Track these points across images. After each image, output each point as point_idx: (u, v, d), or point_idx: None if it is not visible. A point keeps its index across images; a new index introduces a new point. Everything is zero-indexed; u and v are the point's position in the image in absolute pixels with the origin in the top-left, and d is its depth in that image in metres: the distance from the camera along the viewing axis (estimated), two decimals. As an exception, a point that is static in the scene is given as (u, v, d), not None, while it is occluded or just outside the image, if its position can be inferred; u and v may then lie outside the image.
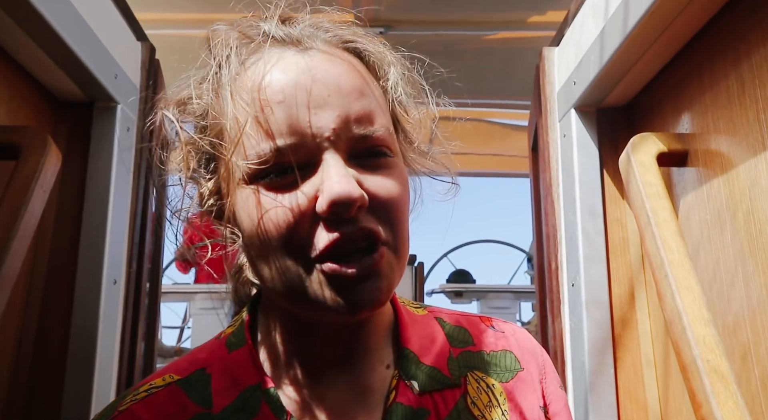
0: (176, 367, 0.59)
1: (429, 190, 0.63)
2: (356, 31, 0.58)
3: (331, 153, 0.50)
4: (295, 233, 0.49)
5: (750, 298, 0.82)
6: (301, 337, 0.57)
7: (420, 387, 0.57)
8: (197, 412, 0.55)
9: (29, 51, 0.99)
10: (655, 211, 0.92)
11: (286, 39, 0.54)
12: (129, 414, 0.54)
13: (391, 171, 0.53)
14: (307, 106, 0.50)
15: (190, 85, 0.56)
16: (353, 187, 0.48)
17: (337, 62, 0.53)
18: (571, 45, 1.26)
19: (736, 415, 0.74)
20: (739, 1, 0.86)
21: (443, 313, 0.67)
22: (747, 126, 0.84)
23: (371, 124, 0.52)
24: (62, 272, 1.10)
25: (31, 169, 0.91)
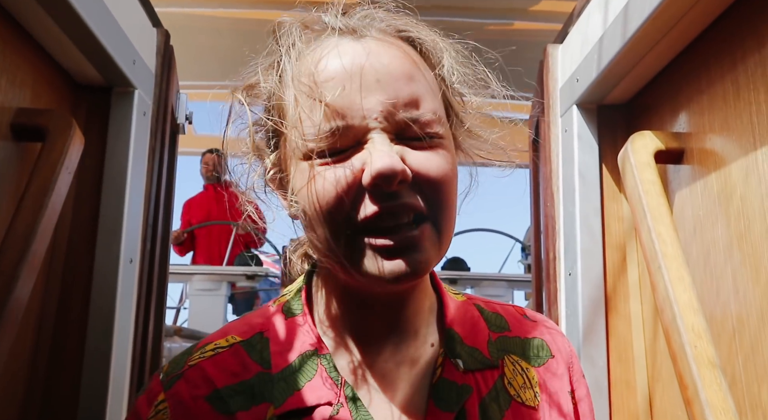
0: (237, 329, 0.64)
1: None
2: (410, 21, 0.62)
3: (378, 133, 0.54)
4: (342, 204, 0.53)
5: (737, 289, 0.88)
6: (352, 309, 0.62)
7: (464, 365, 0.61)
8: (258, 370, 0.59)
9: (53, 35, 1.02)
10: (651, 205, 0.97)
11: (343, 28, 0.59)
12: (198, 369, 0.60)
13: (437, 152, 0.56)
14: (358, 89, 0.54)
15: (257, 72, 0.61)
16: (395, 162, 0.52)
17: (389, 49, 0.57)
18: (574, 43, 1.30)
19: (719, 397, 0.80)
20: (736, 8, 0.91)
21: (480, 301, 0.71)
22: (741, 128, 0.89)
23: (417, 108, 0.55)
24: (81, 251, 1.14)
25: (57, 152, 0.95)
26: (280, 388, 0.58)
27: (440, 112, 0.58)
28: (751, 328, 0.85)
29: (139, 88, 1.21)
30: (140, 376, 1.28)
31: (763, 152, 0.84)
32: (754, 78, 0.86)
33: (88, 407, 1.09)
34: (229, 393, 0.58)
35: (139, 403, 0.60)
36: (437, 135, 0.56)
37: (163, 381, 0.60)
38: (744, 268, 0.87)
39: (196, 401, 0.58)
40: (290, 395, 0.57)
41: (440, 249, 0.56)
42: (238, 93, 0.63)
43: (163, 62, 1.32)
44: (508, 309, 0.71)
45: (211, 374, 0.59)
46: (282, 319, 0.63)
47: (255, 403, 0.57)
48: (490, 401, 0.60)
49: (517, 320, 0.69)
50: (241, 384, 0.59)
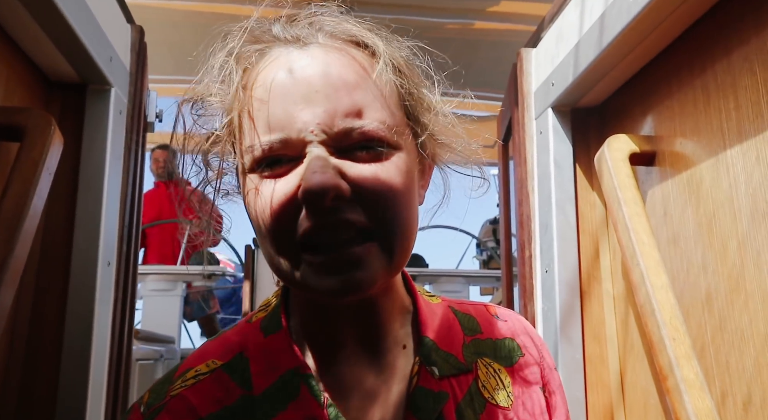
0: (216, 352, 0.62)
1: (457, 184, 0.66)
2: (361, 24, 0.60)
3: (316, 146, 0.52)
4: (281, 220, 0.53)
5: (708, 283, 0.94)
6: (322, 321, 0.61)
7: (439, 372, 0.61)
8: (240, 394, 0.58)
9: (29, 30, 0.98)
10: (627, 205, 1.03)
11: (289, 38, 0.57)
12: (181, 399, 0.58)
13: (385, 161, 0.54)
14: (295, 101, 0.53)
15: (203, 82, 0.60)
16: (327, 178, 0.50)
17: (334, 56, 0.55)
18: (549, 48, 1.34)
19: (695, 385, 0.86)
20: (707, 19, 0.97)
21: (454, 302, 0.71)
22: (711, 133, 0.95)
23: (360, 117, 0.53)
24: (57, 254, 1.10)
25: (37, 153, 0.91)
26: (263, 411, 0.57)
27: (391, 120, 0.55)
28: (720, 319, 0.91)
29: (115, 86, 1.18)
30: (116, 381, 1.25)
31: (732, 156, 0.90)
32: (724, 86, 0.93)
33: (67, 412, 1.06)
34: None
35: None
36: (385, 144, 0.54)
37: (144, 413, 0.58)
38: (714, 264, 0.93)
39: None
40: (273, 417, 0.57)
41: (391, 263, 0.55)
42: (186, 105, 0.62)
43: (137, 59, 1.28)
44: (479, 309, 0.71)
45: (195, 403, 0.58)
46: (261, 338, 0.62)
47: None
48: (466, 406, 0.61)
49: (488, 321, 0.70)
50: (225, 410, 0.58)
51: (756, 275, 0.84)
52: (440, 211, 0.67)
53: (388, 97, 0.56)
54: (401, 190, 0.54)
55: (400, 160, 0.55)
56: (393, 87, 0.57)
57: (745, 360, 0.84)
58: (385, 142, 0.54)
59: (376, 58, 0.57)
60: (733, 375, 0.87)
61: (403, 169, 0.55)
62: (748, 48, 0.87)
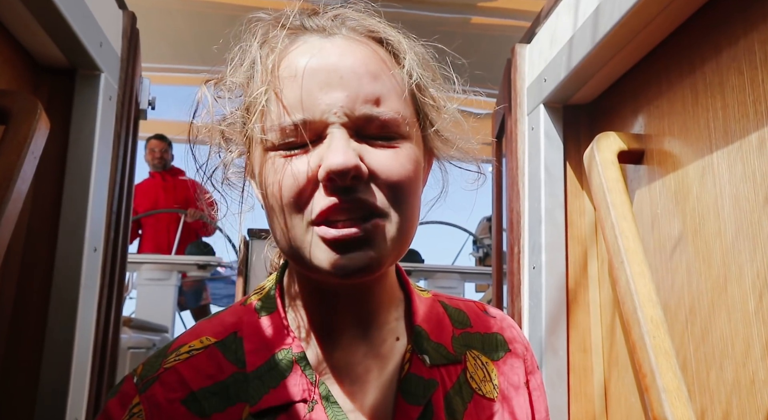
0: (210, 329, 0.64)
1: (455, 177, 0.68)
2: (380, 21, 0.63)
3: (337, 127, 0.55)
4: (299, 197, 0.55)
5: (690, 282, 0.94)
6: (321, 305, 0.63)
7: (430, 361, 0.63)
8: (234, 371, 0.60)
9: (17, 13, 0.97)
10: (614, 203, 1.03)
11: (314, 27, 0.60)
12: (174, 372, 0.60)
13: (397, 152, 0.57)
14: (321, 85, 0.55)
15: (228, 65, 0.62)
16: (349, 157, 0.53)
17: (357, 47, 0.58)
18: (543, 44, 1.34)
19: (674, 384, 0.86)
20: (696, 19, 0.97)
21: (444, 297, 0.74)
22: (698, 132, 0.95)
23: (378, 105, 0.56)
24: (42, 239, 1.10)
25: (22, 136, 0.91)
26: (255, 387, 0.58)
27: (405, 112, 0.58)
28: (701, 316, 0.91)
29: (106, 72, 1.17)
30: (101, 369, 1.25)
31: (719, 156, 0.90)
32: (712, 85, 0.92)
33: (48, 401, 1.06)
34: (205, 395, 0.59)
35: (112, 406, 0.59)
36: (398, 134, 0.57)
37: (138, 384, 0.60)
38: (698, 263, 0.93)
39: (172, 404, 0.58)
40: (265, 393, 0.58)
41: (397, 248, 0.57)
42: (207, 85, 0.63)
43: (129, 46, 1.28)
44: (469, 305, 0.74)
45: (187, 377, 0.59)
46: (255, 318, 0.64)
47: (230, 404, 0.58)
48: (454, 394, 0.63)
49: (477, 316, 0.72)
50: (216, 385, 0.59)
51: (738, 276, 0.84)
52: (438, 207, 0.70)
53: (403, 90, 0.59)
54: (412, 178, 0.58)
55: (412, 150, 0.58)
56: (407, 81, 0.60)
57: (726, 374, 0.84)
58: (398, 132, 0.57)
59: (395, 54, 0.61)
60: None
61: (414, 158, 0.58)
62: (736, 48, 0.87)
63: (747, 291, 0.82)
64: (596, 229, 1.26)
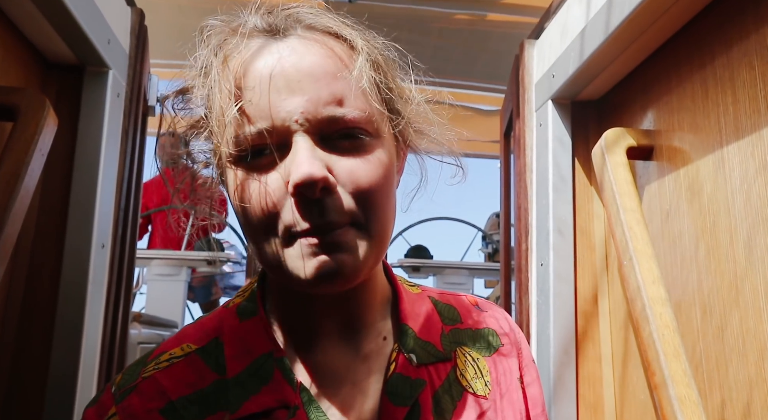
0: (192, 336, 0.63)
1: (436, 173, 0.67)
2: (338, 17, 0.60)
3: (301, 135, 0.53)
4: (269, 212, 0.53)
5: (700, 280, 0.93)
6: (303, 308, 0.61)
7: (417, 360, 0.62)
8: (215, 378, 0.59)
9: (26, 10, 0.98)
10: (623, 200, 1.02)
11: (267, 28, 0.57)
12: (152, 381, 0.59)
13: (366, 153, 0.55)
14: (278, 91, 0.53)
15: (186, 77, 0.60)
16: (316, 169, 0.51)
17: (314, 47, 0.56)
18: (551, 40, 1.33)
19: (684, 382, 0.85)
20: (707, 14, 0.95)
21: (434, 293, 0.72)
22: (708, 128, 0.94)
23: (342, 106, 0.54)
24: (50, 236, 1.11)
25: (30, 133, 0.91)
26: (236, 394, 0.57)
27: (370, 109, 0.56)
28: (711, 312, 0.90)
29: (114, 69, 1.18)
30: (109, 363, 1.26)
31: (729, 151, 0.88)
32: (722, 81, 0.91)
33: (57, 396, 1.07)
34: (184, 404, 0.57)
35: (88, 416, 0.58)
36: (366, 133, 0.55)
37: (115, 394, 0.59)
38: (708, 260, 0.92)
39: (149, 414, 0.57)
40: (246, 400, 0.57)
41: (374, 253, 0.56)
42: (169, 99, 0.63)
43: (137, 43, 1.28)
44: (460, 300, 0.72)
45: (166, 386, 0.58)
46: (237, 322, 0.62)
47: (210, 413, 0.57)
48: (443, 393, 0.61)
49: (468, 311, 0.71)
50: (196, 393, 0.58)
51: (749, 273, 0.83)
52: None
53: (366, 88, 0.57)
54: (383, 181, 0.56)
55: (381, 150, 0.57)
56: (370, 78, 0.57)
57: (747, 368, 0.83)
58: (365, 131, 0.55)
59: (354, 50, 0.58)
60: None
61: (384, 159, 0.57)
62: (747, 43, 0.86)
63: (759, 287, 0.80)
64: (605, 225, 1.25)
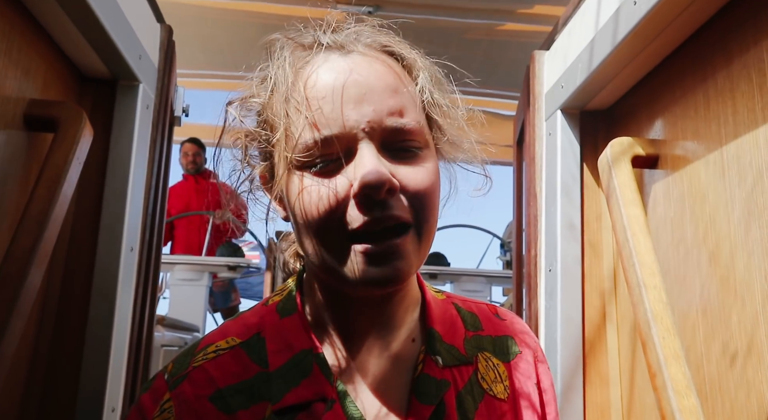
0: (235, 330, 0.68)
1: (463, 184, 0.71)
2: (393, 37, 0.66)
3: (366, 142, 0.57)
4: (333, 214, 0.57)
5: (703, 284, 0.96)
6: (341, 309, 0.66)
7: (443, 362, 0.66)
8: (258, 371, 0.63)
9: (65, 28, 1.05)
10: (627, 207, 1.05)
11: (332, 44, 0.63)
12: (202, 370, 0.63)
13: (421, 162, 0.60)
14: (347, 101, 0.58)
15: (252, 86, 0.66)
16: (383, 172, 0.55)
17: (375, 63, 0.61)
18: (561, 51, 1.37)
19: (682, 384, 0.88)
20: (708, 27, 0.99)
21: (457, 299, 0.76)
22: (709, 137, 0.97)
23: (402, 117, 0.59)
24: (84, 239, 1.18)
25: (69, 143, 0.98)
26: (278, 386, 0.62)
27: (423, 121, 0.61)
28: (712, 316, 0.93)
29: (144, 82, 1.25)
30: (136, 362, 1.32)
31: (729, 160, 0.92)
32: (723, 92, 0.94)
33: (88, 391, 1.14)
34: (231, 393, 0.62)
35: (144, 401, 0.62)
36: (421, 143, 0.60)
37: (168, 381, 0.63)
38: (709, 265, 0.95)
39: (200, 401, 0.61)
40: (287, 392, 0.61)
41: (421, 257, 0.61)
42: (232, 105, 0.67)
43: (165, 57, 1.36)
44: (481, 308, 0.77)
45: (214, 375, 0.63)
46: (277, 319, 0.67)
47: (254, 402, 0.61)
48: (466, 394, 0.65)
49: (489, 319, 0.75)
50: (242, 384, 0.62)
51: (746, 279, 0.86)
52: (466, 211, 0.73)
53: (418, 102, 0.62)
54: (435, 189, 0.61)
55: (433, 160, 0.62)
56: (431, 92, 0.63)
57: (738, 375, 0.86)
58: (420, 141, 0.60)
59: (407, 67, 0.64)
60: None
61: (435, 169, 0.62)
62: (746, 56, 0.89)
63: (756, 293, 0.83)
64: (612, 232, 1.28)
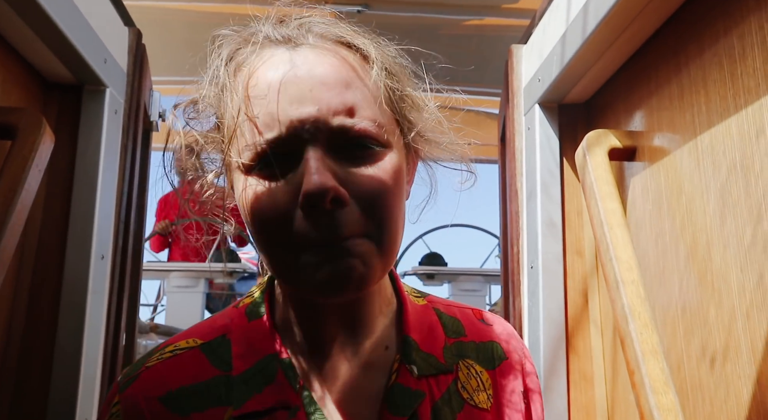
0: (199, 331, 0.64)
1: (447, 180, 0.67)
2: (350, 26, 0.61)
3: (311, 146, 0.53)
4: (279, 221, 0.54)
5: (681, 277, 0.94)
6: (309, 313, 0.62)
7: (418, 371, 0.62)
8: (215, 374, 0.60)
9: (22, 33, 1.03)
10: (604, 200, 1.02)
11: (279, 38, 0.58)
12: (154, 371, 0.61)
13: (376, 163, 0.55)
14: (289, 100, 0.53)
15: (197, 87, 0.62)
16: (326, 180, 0.51)
17: (325, 56, 0.56)
18: (536, 44, 1.34)
19: (660, 379, 0.85)
20: (680, 15, 0.96)
21: (440, 304, 0.72)
22: (684, 127, 0.94)
23: (352, 116, 0.54)
24: (52, 247, 1.15)
25: (27, 150, 0.96)
26: (240, 391, 0.59)
27: (382, 119, 0.56)
28: (691, 312, 0.91)
29: (111, 87, 1.23)
30: (111, 372, 1.30)
31: (703, 150, 0.89)
32: (696, 81, 0.92)
33: (59, 403, 1.11)
34: (184, 393, 0.59)
35: (103, 407, 0.61)
36: (377, 143, 0.55)
37: (120, 383, 0.61)
38: (687, 257, 0.92)
39: (149, 402, 0.59)
40: (249, 398, 0.58)
41: (383, 263, 0.56)
42: (179, 109, 0.63)
43: (134, 61, 1.33)
44: (465, 312, 0.73)
45: (167, 376, 0.60)
46: (245, 322, 0.64)
47: (211, 405, 0.58)
48: (443, 405, 0.62)
49: (473, 324, 0.71)
50: (198, 385, 0.59)
51: (723, 270, 0.83)
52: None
53: (378, 97, 0.57)
54: (394, 191, 0.56)
55: (392, 160, 0.57)
56: (382, 87, 0.58)
57: (717, 372, 0.83)
58: (376, 140, 0.55)
59: (366, 59, 0.59)
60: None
61: (395, 169, 0.57)
62: (717, 43, 0.86)
63: (732, 284, 0.81)
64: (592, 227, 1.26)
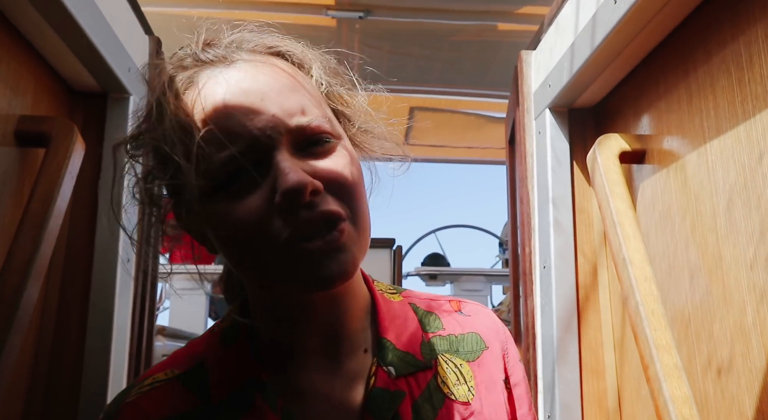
0: (177, 361, 0.65)
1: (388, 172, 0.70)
2: (277, 36, 0.64)
3: (278, 150, 0.54)
4: (263, 229, 0.54)
5: (692, 278, 0.97)
6: (283, 329, 0.63)
7: (396, 372, 0.63)
8: (196, 402, 0.60)
9: (52, 44, 1.06)
10: (616, 203, 1.06)
11: (213, 59, 0.59)
12: (134, 405, 0.61)
13: (336, 153, 0.58)
14: (244, 113, 0.54)
15: (138, 122, 0.62)
16: (302, 176, 0.53)
17: (263, 67, 0.58)
18: (547, 50, 1.38)
19: (674, 375, 0.89)
20: (688, 22, 1.00)
21: (416, 299, 0.72)
22: (693, 131, 0.98)
23: (305, 115, 0.56)
24: (80, 252, 1.19)
25: (61, 157, 0.99)
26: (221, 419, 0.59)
27: (329, 114, 0.60)
28: (702, 312, 0.94)
29: (134, 95, 1.26)
30: (137, 372, 1.33)
31: (712, 153, 0.93)
32: (704, 86, 0.96)
33: (90, 402, 1.14)
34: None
35: None
36: (332, 136, 0.58)
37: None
38: (698, 258, 0.96)
39: None
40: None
41: (363, 245, 0.58)
42: (121, 147, 0.63)
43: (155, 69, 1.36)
44: (444, 306, 0.73)
45: (147, 409, 0.60)
46: (221, 347, 0.64)
47: None
48: (423, 402, 0.62)
49: (451, 317, 0.71)
50: (178, 416, 0.60)
51: (734, 271, 0.87)
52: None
53: (318, 96, 0.61)
54: (358, 175, 0.59)
55: (347, 148, 0.60)
56: (324, 86, 0.62)
57: (730, 373, 0.87)
58: (330, 134, 0.58)
59: (300, 63, 0.62)
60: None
61: (352, 156, 0.60)
62: (725, 51, 0.90)
63: (742, 282, 0.84)
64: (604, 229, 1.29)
